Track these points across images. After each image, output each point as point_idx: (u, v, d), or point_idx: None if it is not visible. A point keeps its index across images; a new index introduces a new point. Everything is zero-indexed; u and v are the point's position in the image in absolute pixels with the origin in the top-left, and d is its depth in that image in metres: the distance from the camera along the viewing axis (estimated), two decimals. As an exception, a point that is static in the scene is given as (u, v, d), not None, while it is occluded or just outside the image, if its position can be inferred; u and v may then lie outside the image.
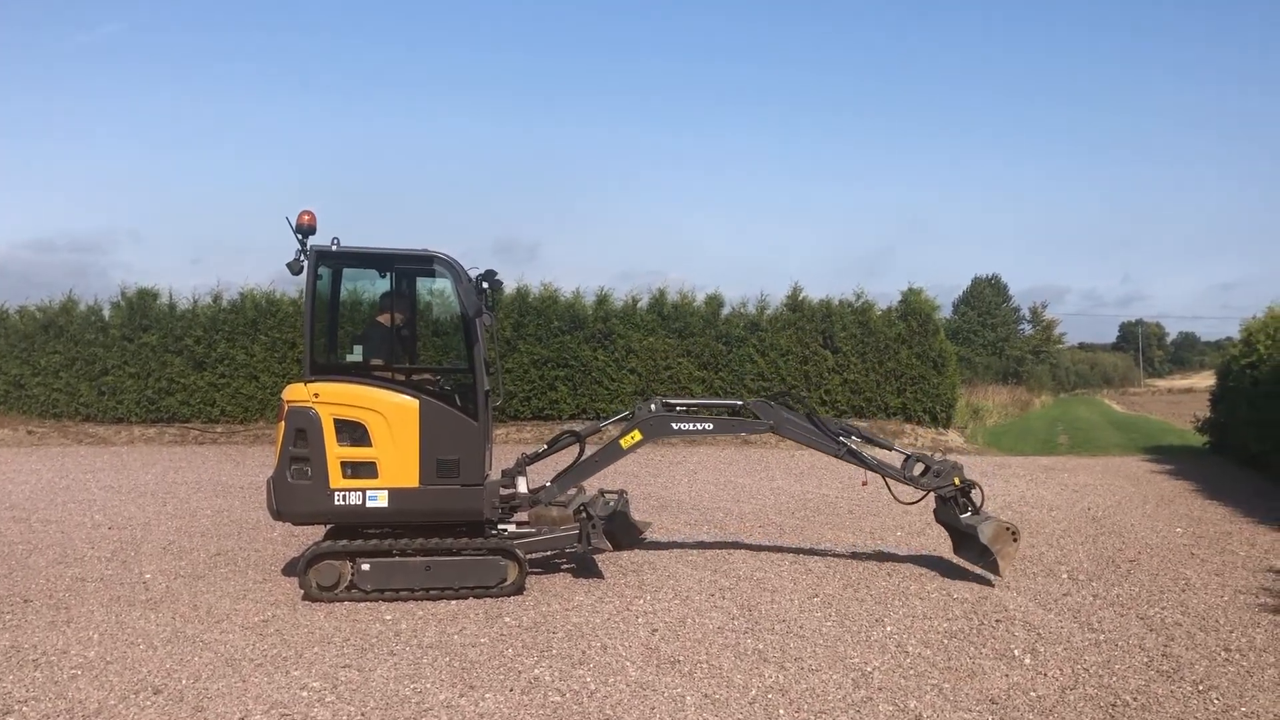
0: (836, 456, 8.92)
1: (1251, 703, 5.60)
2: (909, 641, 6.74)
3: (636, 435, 8.80)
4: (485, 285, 8.25)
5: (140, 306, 22.54)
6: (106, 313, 22.92)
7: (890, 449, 9.20)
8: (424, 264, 8.31)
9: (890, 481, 8.90)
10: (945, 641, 6.75)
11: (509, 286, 22.50)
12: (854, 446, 8.86)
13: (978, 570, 8.59)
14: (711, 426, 9.07)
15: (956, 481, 8.66)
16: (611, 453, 8.85)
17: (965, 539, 8.72)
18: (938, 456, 9.01)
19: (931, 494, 8.84)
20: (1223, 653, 6.51)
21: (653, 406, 9.01)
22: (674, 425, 8.94)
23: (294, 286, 21.98)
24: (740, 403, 9.52)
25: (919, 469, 8.86)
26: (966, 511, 8.64)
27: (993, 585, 8.31)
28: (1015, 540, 8.41)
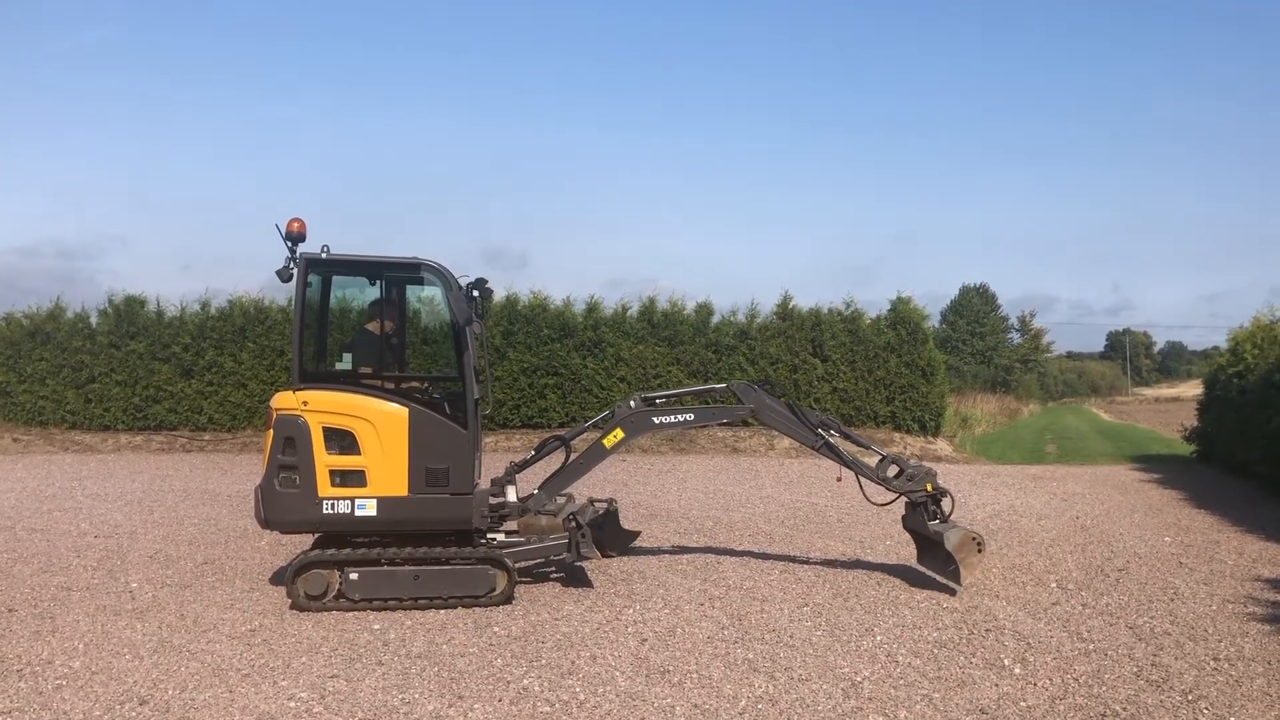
0: (813, 448, 8.95)
1: (1240, 712, 5.61)
2: (899, 651, 6.73)
3: (619, 434, 8.78)
4: (475, 293, 8.24)
5: (128, 313, 22.42)
6: (94, 320, 22.79)
7: (868, 448, 9.20)
8: (414, 272, 8.28)
9: (863, 481, 8.92)
10: (935, 651, 6.74)
11: (498, 294, 22.46)
12: (832, 440, 8.88)
13: (940, 579, 8.59)
14: (693, 416, 9.05)
15: (929, 488, 8.68)
16: (596, 454, 8.82)
17: (930, 547, 8.74)
18: (913, 461, 9.04)
19: (902, 499, 8.86)
20: (1211, 662, 6.52)
21: (632, 403, 8.99)
22: (655, 420, 8.92)
23: (283, 294, 21.96)
24: (721, 385, 9.54)
25: (893, 471, 8.87)
26: (935, 519, 8.66)
27: (966, 595, 8.31)
28: (980, 550, 8.43)
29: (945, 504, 8.73)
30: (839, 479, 9.24)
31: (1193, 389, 50.61)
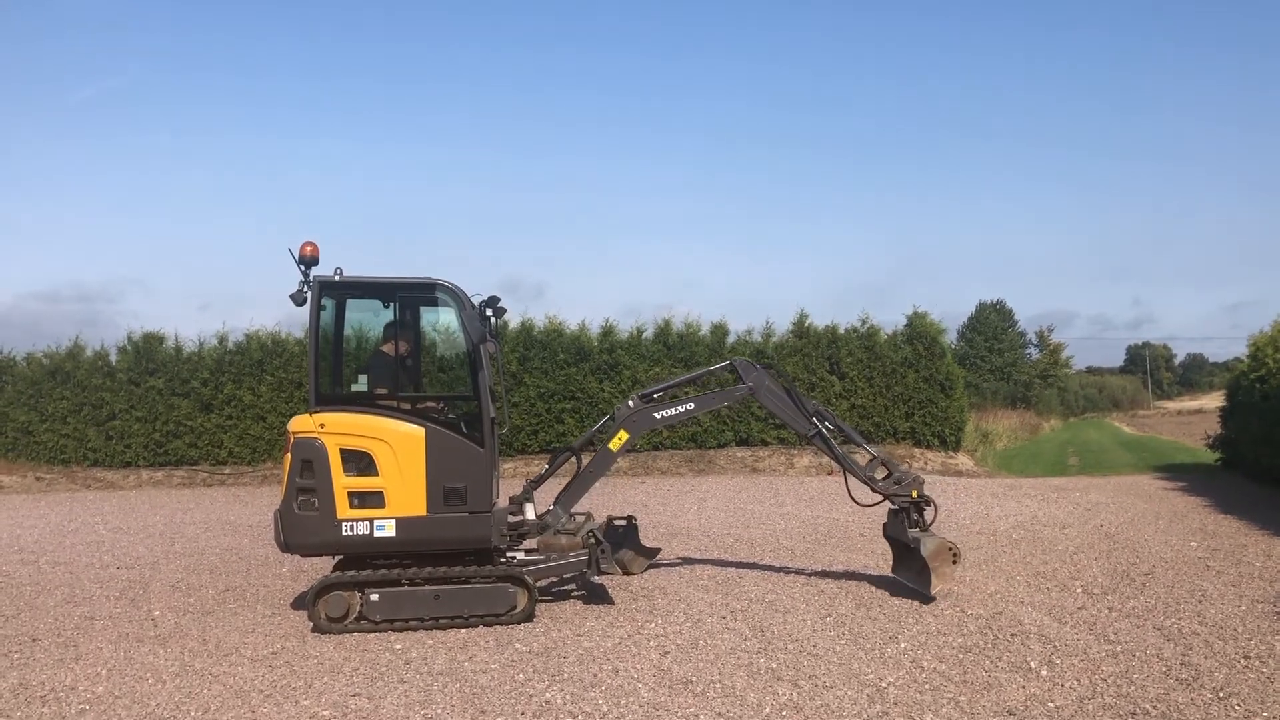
0: (805, 437, 8.96)
1: (1273, 708, 5.52)
2: (924, 657, 6.67)
3: (623, 435, 8.80)
4: (489, 312, 8.27)
5: (146, 350, 22.62)
6: (113, 357, 23.00)
7: (861, 446, 9.16)
8: (427, 292, 8.33)
9: (851, 479, 8.91)
10: (960, 656, 6.67)
11: (515, 321, 22.57)
12: (825, 432, 8.85)
13: (912, 587, 8.54)
14: (693, 405, 9.09)
15: (914, 494, 8.63)
16: (604, 459, 8.83)
17: (907, 555, 8.71)
18: (904, 466, 9.01)
19: (887, 503, 8.82)
20: (1242, 660, 6.42)
21: (630, 403, 8.99)
22: (656, 415, 8.95)
23: (299, 327, 22.09)
24: (720, 365, 9.52)
25: (881, 472, 8.83)
26: (916, 527, 8.60)
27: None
28: (955, 561, 8.38)
29: (928, 514, 8.69)
30: (830, 472, 9.26)
31: (1215, 401, 50.01)
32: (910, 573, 8.61)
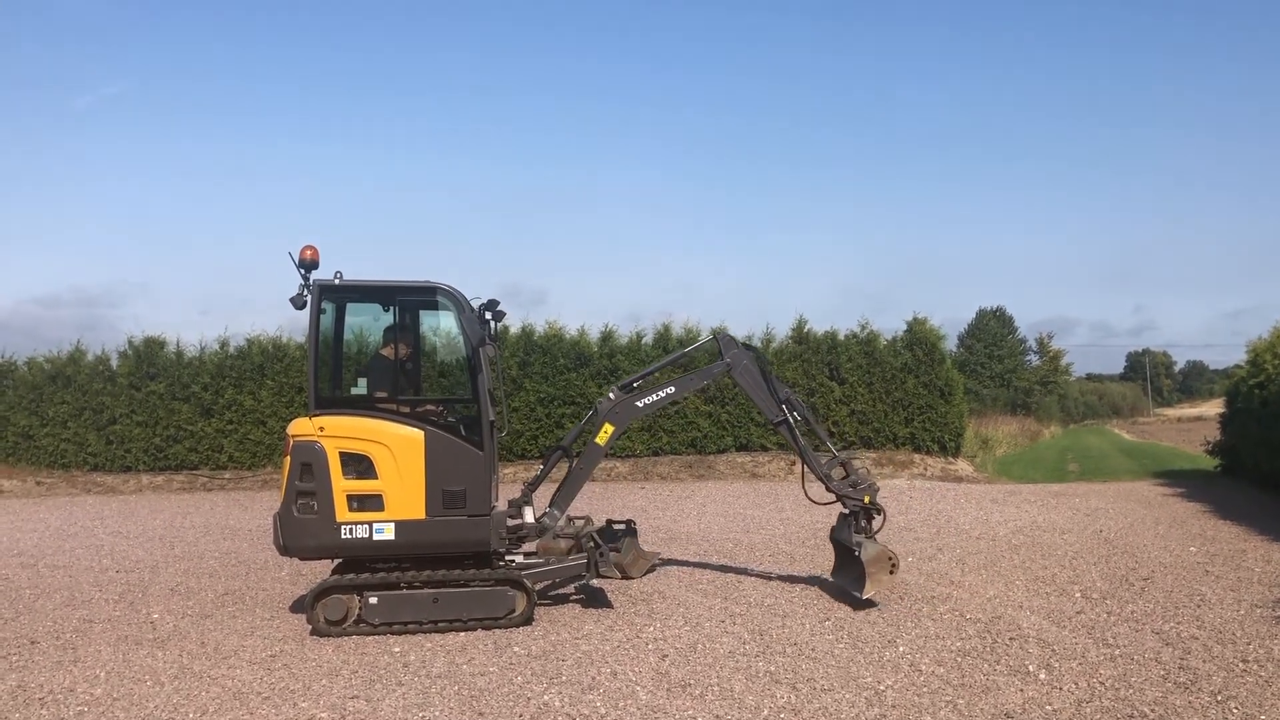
0: (771, 422, 9.08)
1: (1271, 711, 5.53)
2: (922, 660, 6.67)
3: (609, 428, 8.86)
4: (488, 315, 8.29)
5: (147, 355, 22.61)
6: (114, 362, 22.99)
7: (824, 444, 9.19)
8: (427, 295, 8.35)
9: (807, 474, 8.96)
10: (959, 660, 6.68)
11: (515, 327, 22.58)
12: (792, 421, 8.89)
13: (850, 592, 8.53)
14: (673, 389, 9.23)
15: (866, 499, 8.65)
16: (593, 454, 8.89)
17: (847, 561, 8.73)
18: (863, 471, 9.10)
19: (839, 508, 8.85)
20: (1240, 664, 6.43)
21: (611, 395, 9.05)
22: (638, 404, 9.05)
23: (300, 332, 22.08)
24: (696, 344, 9.60)
25: (838, 472, 8.86)
26: (861, 533, 8.61)
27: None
28: (892, 571, 8.44)
29: (876, 522, 8.73)
30: (793, 462, 9.32)
31: (1215, 408, 49.98)
32: (850, 578, 8.63)
